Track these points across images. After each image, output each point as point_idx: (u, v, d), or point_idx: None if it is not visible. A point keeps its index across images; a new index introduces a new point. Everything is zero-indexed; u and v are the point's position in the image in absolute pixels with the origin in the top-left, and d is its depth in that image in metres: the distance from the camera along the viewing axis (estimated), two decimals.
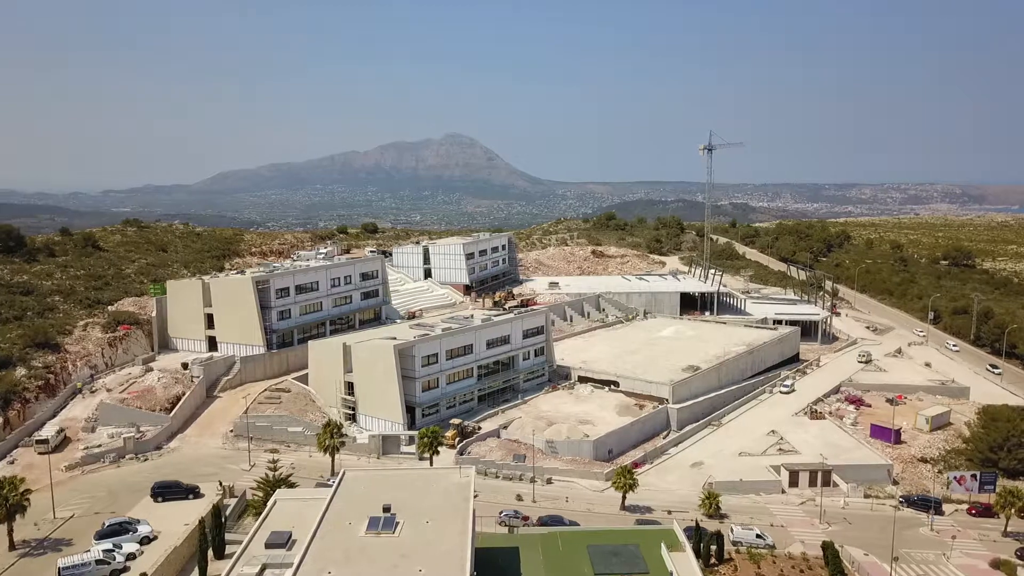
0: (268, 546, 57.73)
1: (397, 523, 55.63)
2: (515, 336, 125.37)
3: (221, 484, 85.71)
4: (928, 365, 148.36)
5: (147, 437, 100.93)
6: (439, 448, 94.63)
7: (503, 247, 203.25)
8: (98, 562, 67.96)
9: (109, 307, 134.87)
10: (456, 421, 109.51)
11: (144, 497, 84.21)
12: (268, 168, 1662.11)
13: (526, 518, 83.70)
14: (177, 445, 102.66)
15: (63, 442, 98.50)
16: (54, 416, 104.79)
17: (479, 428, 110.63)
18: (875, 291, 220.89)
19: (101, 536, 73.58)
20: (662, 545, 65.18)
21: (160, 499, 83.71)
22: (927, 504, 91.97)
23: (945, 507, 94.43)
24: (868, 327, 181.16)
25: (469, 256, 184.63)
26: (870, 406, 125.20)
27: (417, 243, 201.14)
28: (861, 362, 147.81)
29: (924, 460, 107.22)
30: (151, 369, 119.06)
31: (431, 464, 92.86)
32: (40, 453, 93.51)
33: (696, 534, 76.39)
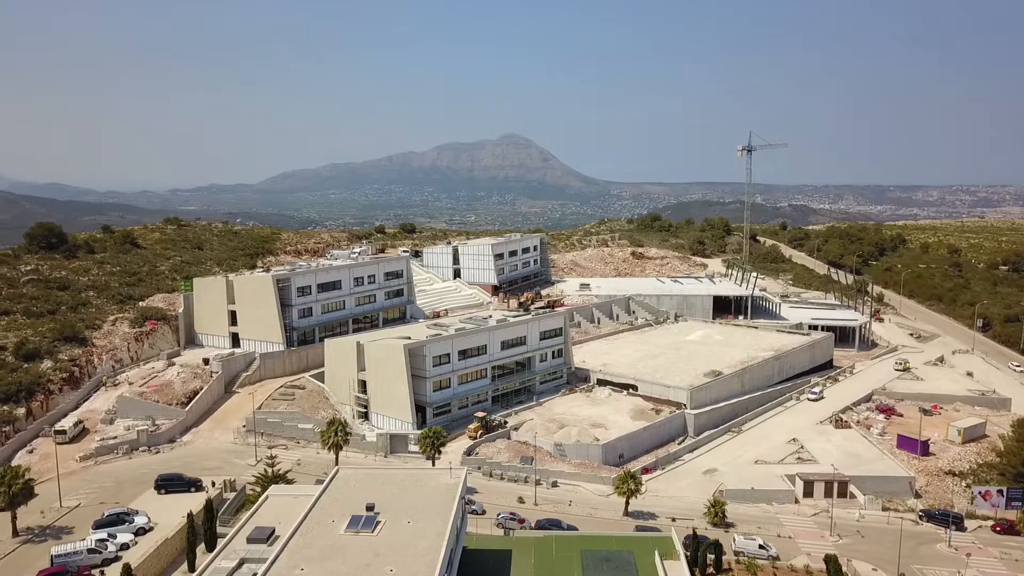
0: (250, 541, 58.08)
1: (378, 522, 55.55)
2: (531, 337, 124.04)
3: (215, 482, 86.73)
4: (970, 374, 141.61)
5: (161, 430, 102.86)
6: (441, 448, 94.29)
7: (535, 248, 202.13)
8: (90, 551, 69.44)
9: (140, 303, 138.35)
10: (481, 414, 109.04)
11: (148, 489, 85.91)
12: (328, 168, 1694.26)
13: (522, 521, 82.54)
14: (190, 439, 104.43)
15: (81, 433, 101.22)
16: (76, 408, 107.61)
17: (505, 423, 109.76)
18: (923, 297, 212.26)
19: (99, 526, 75.13)
20: (655, 553, 63.57)
21: (163, 491, 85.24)
22: (947, 519, 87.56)
23: (968, 523, 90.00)
24: (912, 334, 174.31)
25: (498, 257, 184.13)
26: (902, 416, 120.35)
27: (448, 244, 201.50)
28: (898, 370, 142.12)
29: (952, 473, 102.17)
30: (174, 364, 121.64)
31: (433, 464, 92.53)
32: (58, 443, 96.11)
33: (693, 542, 74.33)
